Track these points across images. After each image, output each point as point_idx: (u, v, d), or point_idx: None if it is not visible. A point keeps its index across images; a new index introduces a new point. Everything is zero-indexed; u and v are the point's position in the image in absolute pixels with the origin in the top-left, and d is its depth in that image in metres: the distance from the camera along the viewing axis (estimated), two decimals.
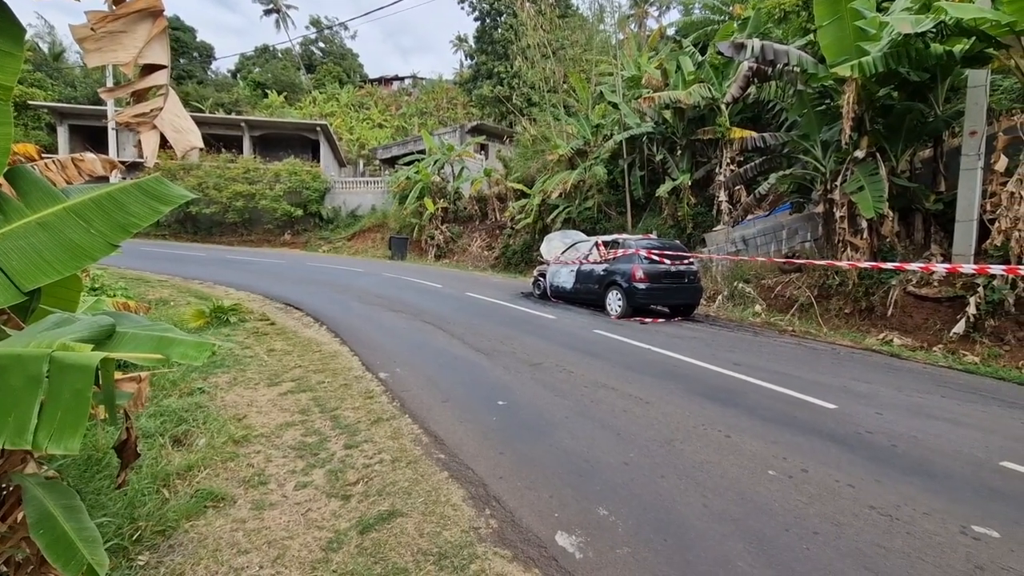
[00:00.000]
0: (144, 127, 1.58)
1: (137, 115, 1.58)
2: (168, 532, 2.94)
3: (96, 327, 1.57)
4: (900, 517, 2.98)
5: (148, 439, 3.99)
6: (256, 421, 4.51)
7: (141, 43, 1.54)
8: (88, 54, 1.55)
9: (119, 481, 2.10)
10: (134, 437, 2.00)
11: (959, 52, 7.79)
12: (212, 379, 5.62)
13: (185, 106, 10.28)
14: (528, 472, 3.59)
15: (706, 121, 14.42)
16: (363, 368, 6.19)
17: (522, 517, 3.04)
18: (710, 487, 3.34)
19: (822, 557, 2.62)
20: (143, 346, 1.56)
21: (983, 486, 3.39)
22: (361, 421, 4.52)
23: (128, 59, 1.53)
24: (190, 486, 3.41)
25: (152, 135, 1.59)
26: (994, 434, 4.33)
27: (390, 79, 62.40)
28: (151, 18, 1.60)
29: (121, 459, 2.04)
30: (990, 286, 7.74)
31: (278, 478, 3.54)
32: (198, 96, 42.75)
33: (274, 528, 2.97)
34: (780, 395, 5.25)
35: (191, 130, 1.66)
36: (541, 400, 5.05)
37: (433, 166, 24.23)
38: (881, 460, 3.74)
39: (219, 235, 29.07)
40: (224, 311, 8.59)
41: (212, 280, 13.90)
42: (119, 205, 1.79)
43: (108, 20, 1.54)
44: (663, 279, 9.75)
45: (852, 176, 9.18)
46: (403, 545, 2.78)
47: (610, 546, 2.74)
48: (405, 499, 3.24)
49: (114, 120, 2.01)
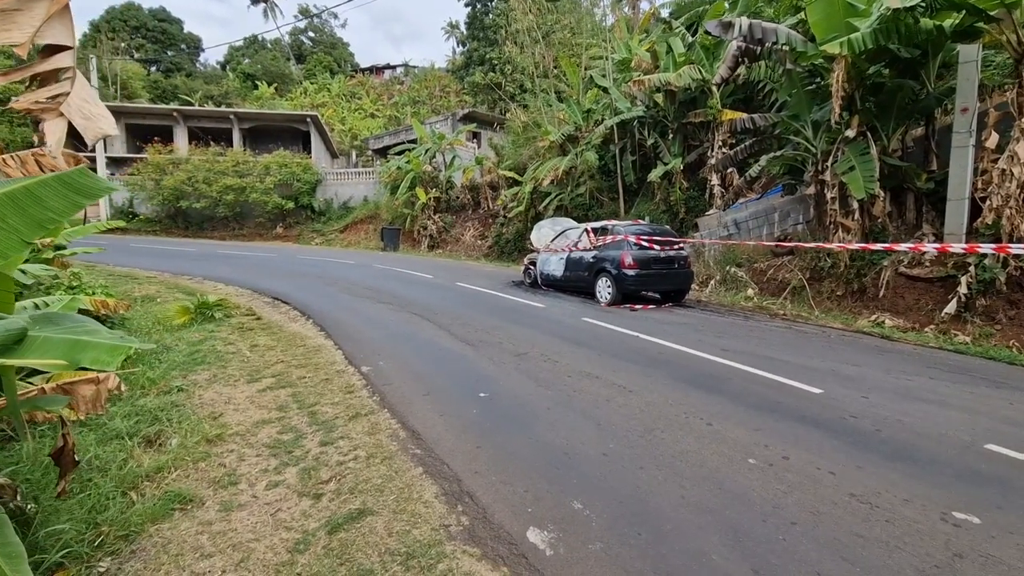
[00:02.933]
0: (49, 114, 1.46)
1: (39, 101, 1.46)
2: (132, 536, 2.85)
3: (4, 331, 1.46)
4: (880, 504, 2.91)
5: (119, 440, 3.90)
6: (232, 419, 4.42)
7: (39, 21, 1.41)
8: None
9: (59, 490, 2.01)
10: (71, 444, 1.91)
11: (949, 27, 7.62)
12: (192, 376, 5.53)
13: (174, 99, 10.04)
14: (505, 466, 3.51)
15: (697, 104, 14.23)
16: (346, 362, 6.10)
17: (494, 513, 2.96)
18: (689, 477, 3.27)
19: (799, 548, 2.56)
20: (53, 351, 1.46)
21: (967, 470, 3.32)
22: (339, 417, 4.43)
23: (24, 39, 1.40)
24: (159, 488, 3.32)
25: (58, 122, 1.47)
26: (981, 415, 4.27)
27: (381, 68, 61.70)
28: None
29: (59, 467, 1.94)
30: (981, 265, 7.65)
31: (249, 478, 3.46)
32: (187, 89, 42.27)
33: (241, 530, 2.90)
34: (766, 381, 5.18)
35: (103, 116, 1.54)
36: (524, 391, 4.98)
37: (424, 155, 23.99)
38: (864, 445, 3.67)
39: (210, 230, 28.85)
40: (209, 307, 8.48)
41: (201, 275, 13.77)
42: (36, 199, 1.67)
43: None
44: (653, 265, 9.65)
45: (843, 156, 9.06)
46: (371, 545, 2.71)
47: (583, 541, 2.67)
48: (377, 497, 3.16)
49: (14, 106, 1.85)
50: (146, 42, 51.63)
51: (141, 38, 51.48)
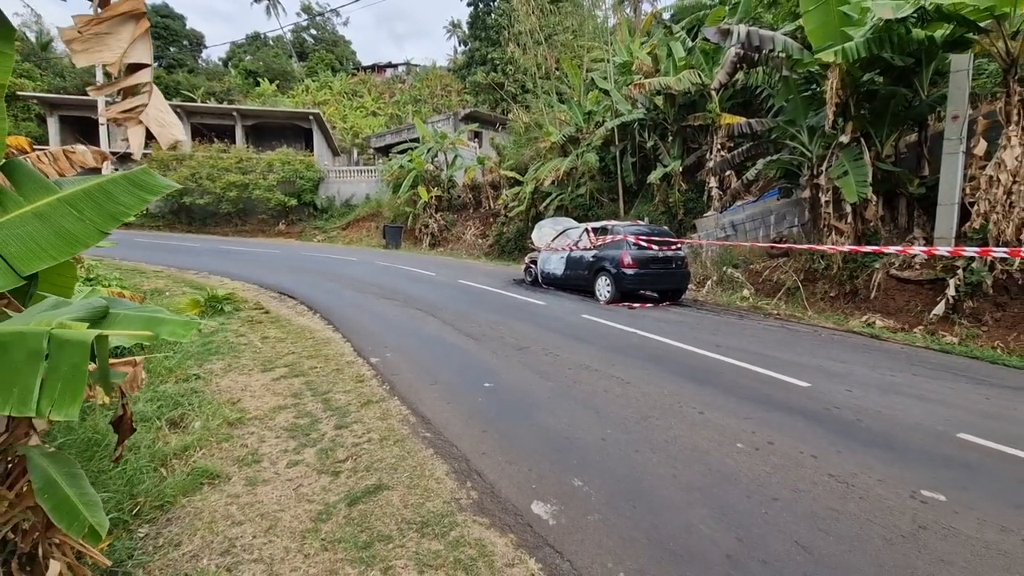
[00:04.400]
0: (131, 122, 1.71)
1: (124, 111, 1.71)
2: (166, 507, 3.10)
3: (91, 308, 1.71)
4: (856, 484, 3.17)
5: (145, 423, 4.14)
6: (250, 405, 4.66)
7: (126, 44, 1.66)
8: (76, 55, 1.67)
9: (116, 455, 2.25)
10: (129, 413, 2.15)
11: (940, 37, 7.89)
12: (207, 366, 5.77)
13: (176, 95, 10.40)
14: (510, 448, 3.76)
15: (696, 107, 14.48)
16: (355, 354, 6.34)
17: (501, 489, 3.21)
18: (681, 459, 3.52)
19: (779, 520, 2.81)
20: (134, 325, 1.70)
21: (938, 455, 3.58)
22: (352, 403, 4.68)
23: (114, 59, 1.65)
24: (186, 465, 3.57)
25: (138, 129, 1.72)
26: (957, 408, 4.53)
27: (383, 66, 61.82)
28: (134, 20, 1.72)
29: (118, 433, 2.19)
30: (969, 268, 7.91)
31: (271, 457, 3.70)
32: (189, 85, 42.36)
33: (267, 502, 3.14)
34: (757, 375, 5.44)
35: (174, 124, 1.79)
36: (526, 382, 5.23)
37: (427, 154, 24.22)
38: (845, 433, 3.93)
39: (213, 226, 29.05)
40: (219, 300, 8.71)
41: (207, 270, 13.99)
42: (108, 195, 1.92)
43: (94, 23, 1.66)
44: (651, 265, 9.90)
45: (837, 161, 9.31)
46: (388, 515, 2.95)
47: (582, 513, 2.92)
48: (391, 474, 3.41)
49: (103, 115, 2.14)
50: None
51: None
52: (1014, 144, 7.47)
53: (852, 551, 2.55)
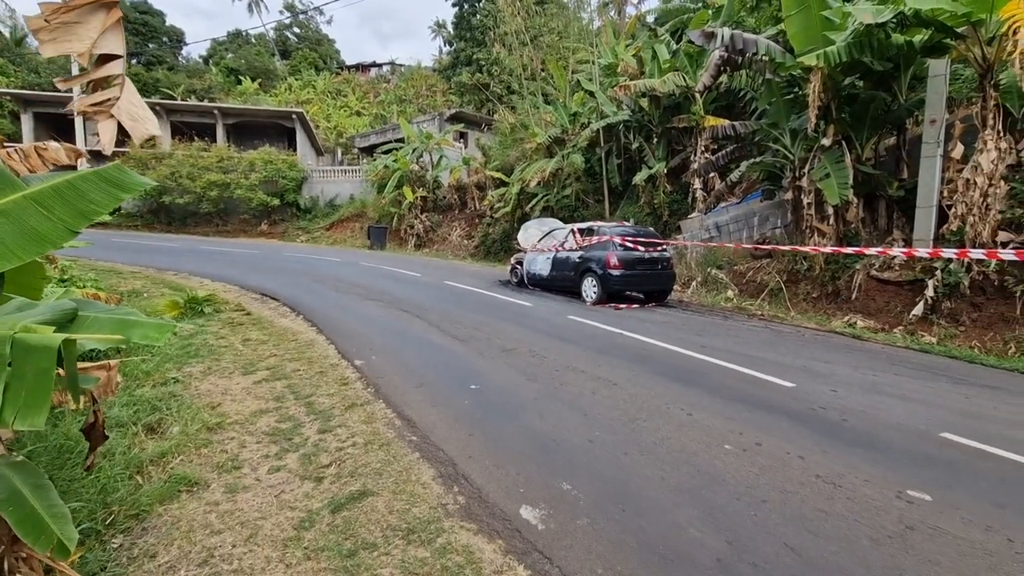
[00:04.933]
0: (102, 116, 1.63)
1: (94, 104, 1.63)
2: (142, 516, 2.99)
3: (59, 311, 1.63)
4: (843, 484, 3.18)
5: (121, 428, 4.01)
6: (230, 409, 4.55)
7: (95, 33, 1.58)
8: (43, 44, 1.59)
9: (88, 463, 2.16)
10: (101, 420, 2.06)
11: (919, 42, 8.03)
12: (186, 369, 5.62)
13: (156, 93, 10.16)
14: (497, 451, 3.72)
15: (681, 109, 14.59)
16: (339, 356, 6.24)
17: (489, 493, 3.16)
18: (669, 461, 3.50)
19: (768, 522, 2.80)
20: (105, 328, 1.62)
21: (922, 455, 3.62)
22: (335, 407, 4.59)
23: (83, 49, 1.57)
24: (163, 472, 3.45)
25: (110, 123, 1.64)
26: (938, 408, 4.59)
27: (368, 66, 61.38)
28: (105, 9, 1.64)
29: (89, 441, 2.10)
30: (947, 270, 8.06)
31: (252, 463, 3.60)
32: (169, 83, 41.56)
33: (247, 510, 3.05)
34: (742, 375, 5.47)
35: (148, 118, 1.71)
36: (513, 384, 5.18)
37: (412, 154, 24.08)
38: (831, 433, 3.95)
39: (193, 226, 28.54)
40: (198, 302, 8.53)
41: (187, 271, 13.71)
42: (79, 193, 1.83)
43: (62, 11, 1.58)
44: (637, 266, 9.93)
45: (819, 164, 9.44)
46: (373, 522, 2.88)
47: (571, 517, 2.89)
48: (376, 479, 3.34)
49: (73, 108, 2.02)
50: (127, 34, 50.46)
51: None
52: (990, 148, 7.62)
53: (840, 552, 2.55)
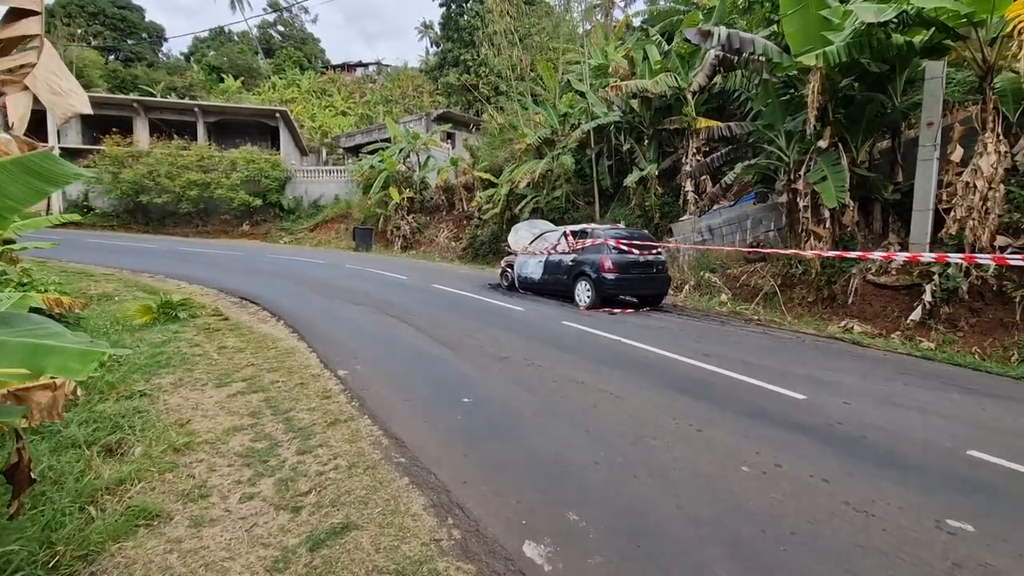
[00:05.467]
0: (11, 87, 1.27)
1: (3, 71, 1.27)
2: (91, 556, 2.60)
3: None
4: (875, 513, 2.91)
5: (75, 449, 3.61)
6: (201, 426, 4.16)
7: None
8: None
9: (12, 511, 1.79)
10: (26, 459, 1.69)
11: (919, 43, 7.89)
12: (155, 380, 5.21)
13: (134, 89, 9.56)
14: (494, 475, 3.39)
15: (672, 111, 14.40)
16: (321, 366, 5.86)
17: (487, 526, 2.83)
18: (683, 486, 3.21)
19: (801, 559, 2.51)
20: (11, 357, 1.27)
21: (954, 477, 3.37)
22: (316, 423, 4.23)
23: None
24: (120, 503, 3.06)
25: (22, 96, 1.28)
26: (958, 422, 4.36)
27: (353, 65, 60.66)
28: None
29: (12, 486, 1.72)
30: (945, 274, 7.92)
31: (221, 490, 3.23)
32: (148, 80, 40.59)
33: (213, 548, 2.69)
34: (749, 386, 5.20)
35: (74, 91, 1.36)
36: (508, 396, 4.86)
37: (398, 155, 23.64)
38: (853, 453, 3.69)
39: (172, 226, 27.76)
40: (173, 306, 8.06)
41: (163, 273, 13.17)
42: None
43: None
44: (632, 269, 9.68)
45: (816, 166, 9.26)
46: (357, 563, 2.54)
47: (581, 556, 2.57)
48: (361, 509, 2.99)
49: None
50: (105, 29, 49.31)
51: (100, 25, 49.13)
52: (990, 151, 7.50)
53: None
